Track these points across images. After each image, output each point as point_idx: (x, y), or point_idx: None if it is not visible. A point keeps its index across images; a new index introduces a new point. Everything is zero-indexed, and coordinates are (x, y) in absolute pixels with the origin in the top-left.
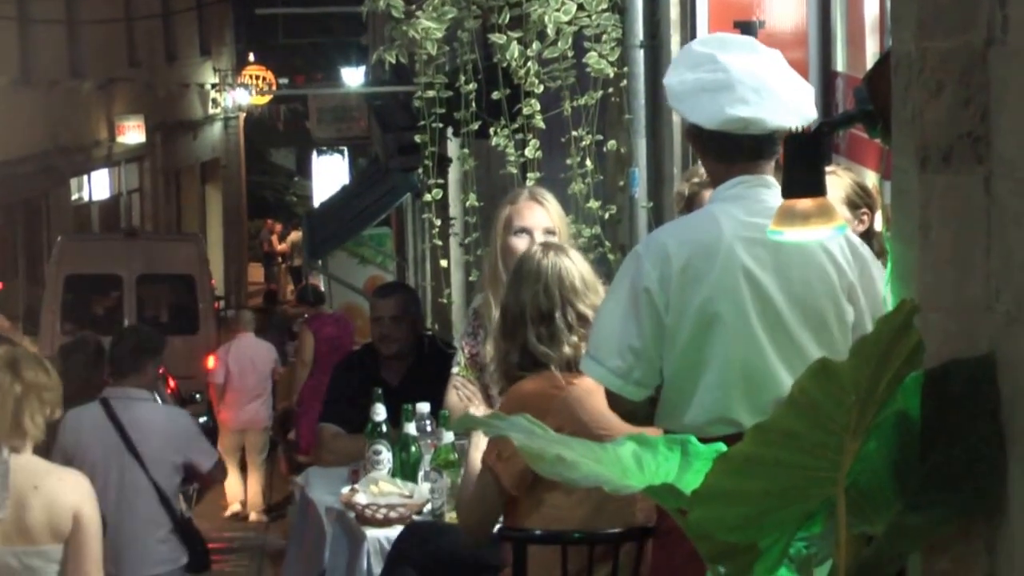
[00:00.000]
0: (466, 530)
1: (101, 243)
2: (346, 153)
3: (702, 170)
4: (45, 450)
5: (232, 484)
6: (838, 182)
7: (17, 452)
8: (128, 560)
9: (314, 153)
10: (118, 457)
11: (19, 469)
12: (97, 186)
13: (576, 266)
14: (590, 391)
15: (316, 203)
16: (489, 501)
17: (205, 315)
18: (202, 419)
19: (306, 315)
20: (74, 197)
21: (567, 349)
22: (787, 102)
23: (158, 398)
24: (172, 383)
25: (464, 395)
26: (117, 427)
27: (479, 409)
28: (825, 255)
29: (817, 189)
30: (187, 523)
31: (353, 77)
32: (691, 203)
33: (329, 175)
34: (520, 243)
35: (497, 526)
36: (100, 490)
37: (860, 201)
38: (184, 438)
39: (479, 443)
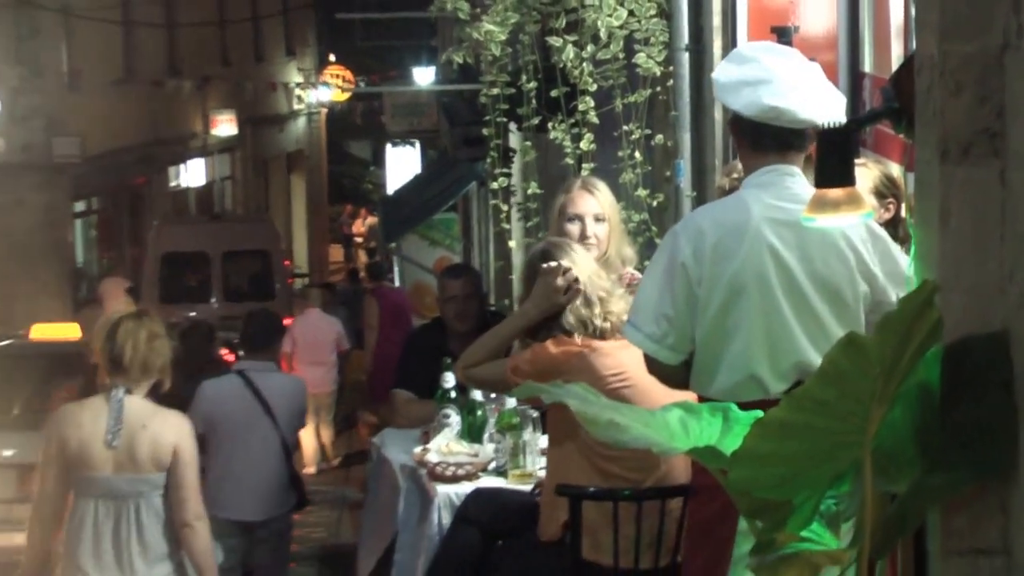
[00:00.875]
0: (466, 365)
1: (191, 225)
2: (417, 145)
3: (739, 166)
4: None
5: (307, 440)
6: (868, 173)
7: (131, 394)
8: (262, 503)
9: (388, 145)
10: (257, 419)
11: (131, 409)
12: (193, 174)
13: (583, 259)
14: (602, 352)
15: (390, 191)
16: (496, 376)
17: (279, 284)
18: None
19: (370, 287)
20: (172, 184)
21: (573, 319)
22: (818, 101)
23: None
24: None
25: None
26: (255, 394)
27: None
28: (843, 238)
29: (847, 180)
30: (296, 472)
31: (424, 76)
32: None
33: (402, 165)
34: (573, 228)
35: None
36: (241, 447)
37: (887, 191)
38: (302, 402)
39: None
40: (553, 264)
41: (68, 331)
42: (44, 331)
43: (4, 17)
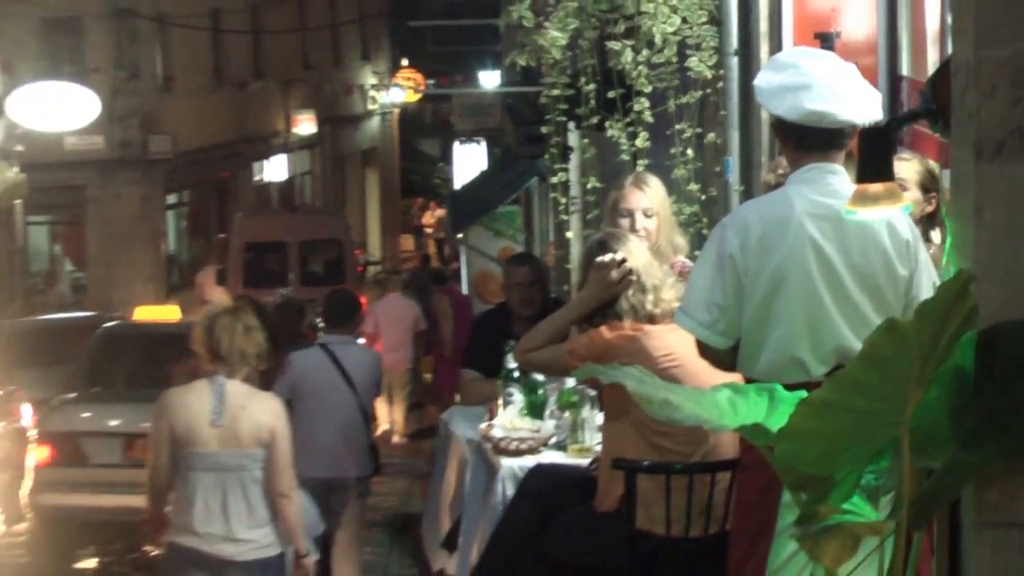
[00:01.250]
0: (524, 350)
1: (271, 217)
2: (483, 143)
3: (784, 163)
4: (266, 382)
5: (382, 410)
6: (913, 168)
7: (231, 378)
8: (346, 463)
9: (456, 143)
10: (338, 387)
11: (232, 392)
12: (275, 169)
13: (637, 249)
14: (653, 335)
15: (457, 185)
16: (554, 359)
17: (350, 270)
18: None
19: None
20: (256, 178)
21: (626, 305)
22: (856, 102)
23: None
24: None
25: None
26: (336, 365)
27: None
28: (885, 228)
29: (886, 175)
30: (373, 439)
31: (489, 79)
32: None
33: (468, 162)
34: (624, 222)
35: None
36: (325, 413)
37: (931, 185)
38: (378, 372)
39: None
40: (608, 257)
41: (168, 313)
42: (146, 313)
43: (105, 25)
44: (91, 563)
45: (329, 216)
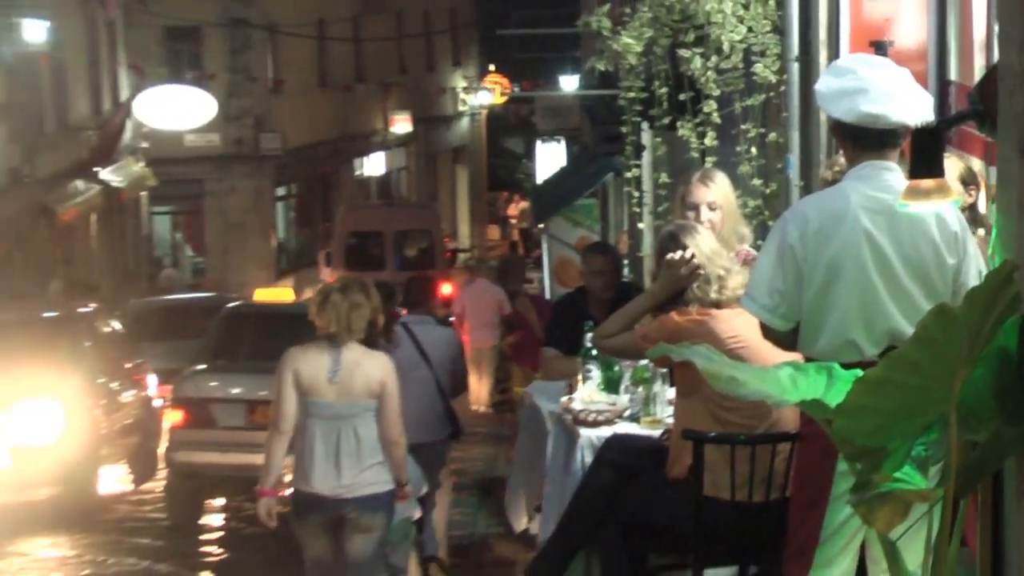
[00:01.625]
0: (601, 337)
1: (369, 209)
2: (562, 141)
3: (842, 160)
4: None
5: (473, 385)
6: (954, 165)
7: (346, 344)
8: (422, 429)
9: (538, 141)
10: (416, 362)
11: (348, 353)
12: (374, 165)
13: (704, 240)
14: (719, 319)
15: (539, 180)
16: (628, 344)
17: (439, 257)
18: None
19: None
20: (357, 173)
21: (697, 293)
22: (908, 105)
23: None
24: None
25: None
26: (414, 341)
27: None
28: (934, 220)
29: (937, 171)
30: (450, 407)
31: (569, 83)
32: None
33: (549, 158)
34: (691, 215)
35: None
36: (404, 384)
37: (969, 180)
38: (453, 349)
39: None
40: (677, 254)
41: (283, 294)
42: (264, 294)
43: (221, 33)
44: (218, 514)
45: (421, 208)
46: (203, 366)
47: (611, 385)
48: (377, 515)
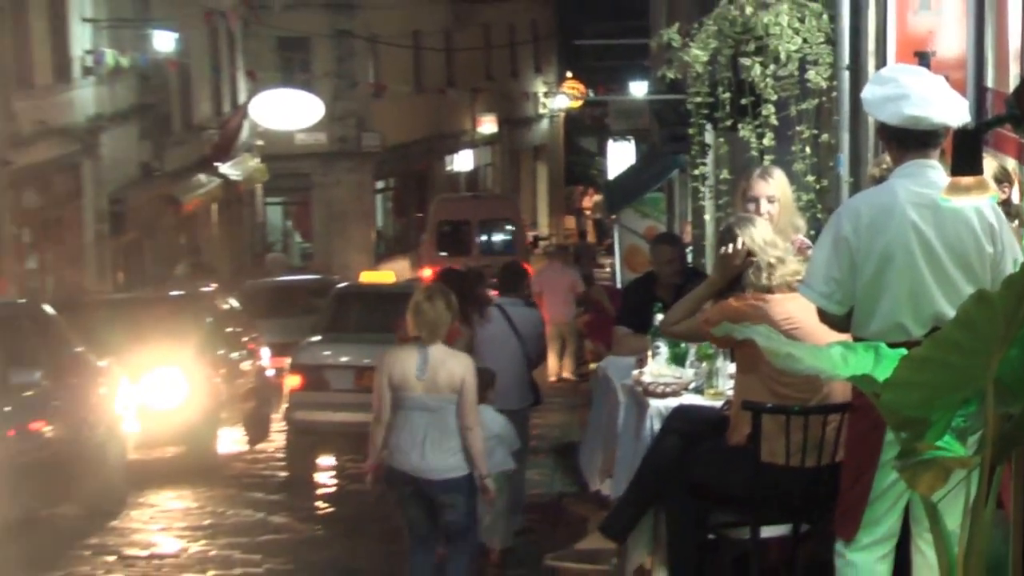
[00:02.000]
0: (668, 324)
1: (457, 201)
2: (632, 141)
3: (887, 159)
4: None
5: (551, 359)
6: (989, 163)
7: (431, 344)
8: (511, 397)
9: (610, 140)
10: (509, 337)
11: (433, 354)
12: (463, 161)
13: (759, 231)
14: (773, 302)
15: (611, 175)
16: (692, 329)
17: (519, 243)
18: None
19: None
20: (447, 169)
21: (752, 279)
22: (946, 109)
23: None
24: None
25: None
26: (507, 319)
27: None
28: (974, 214)
29: (976, 169)
30: (533, 378)
31: (638, 88)
32: (879, 182)
33: (620, 156)
34: (751, 207)
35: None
36: (497, 357)
37: (1002, 177)
38: (539, 327)
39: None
40: (730, 247)
41: (386, 277)
42: (369, 276)
43: (327, 43)
44: (327, 472)
45: (504, 200)
46: (318, 338)
47: (677, 360)
48: (456, 495)
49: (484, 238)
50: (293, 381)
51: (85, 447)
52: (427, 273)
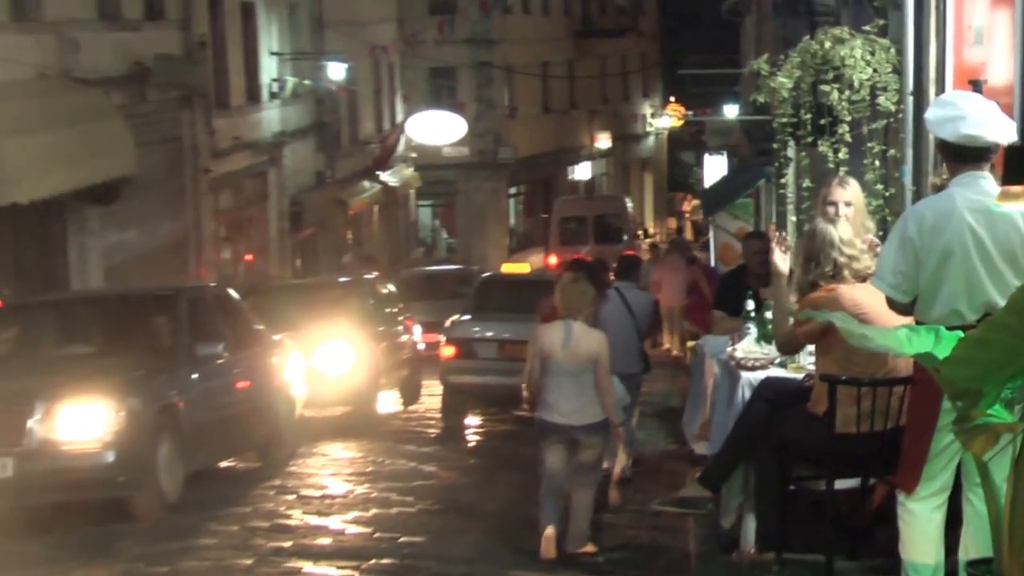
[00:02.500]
0: (778, 348)
1: (576, 200)
2: (725, 155)
3: (945, 170)
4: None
5: (665, 336)
6: None
7: (574, 320)
8: (625, 363)
9: (706, 154)
10: (624, 315)
11: (575, 329)
12: (582, 172)
13: (836, 230)
14: (842, 292)
15: (707, 184)
16: (791, 339)
17: (627, 234)
18: None
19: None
20: (569, 177)
21: (828, 270)
22: (998, 129)
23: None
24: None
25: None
26: (623, 301)
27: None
28: (1020, 218)
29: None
30: (644, 349)
31: (731, 110)
32: (939, 191)
33: (715, 168)
34: (830, 210)
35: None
36: (615, 330)
37: None
38: (650, 308)
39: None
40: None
41: (521, 268)
42: (509, 267)
43: (470, 72)
44: (478, 421)
45: (613, 199)
46: (468, 316)
47: (765, 339)
48: (593, 436)
49: (597, 231)
50: (448, 351)
51: (259, 407)
52: (552, 260)
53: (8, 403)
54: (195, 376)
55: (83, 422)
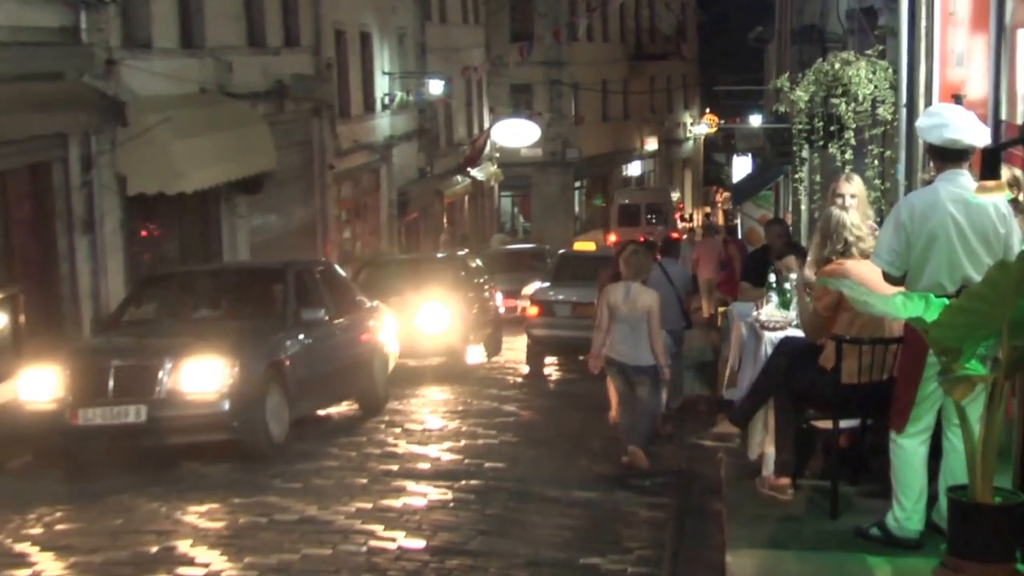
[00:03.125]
0: (807, 334)
1: (631, 190)
2: (750, 155)
3: (932, 169)
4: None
5: (703, 302)
6: (1005, 172)
7: (633, 281)
8: (670, 320)
9: (735, 155)
10: (666, 284)
11: (634, 288)
12: (633, 169)
13: (848, 216)
14: (850, 267)
15: (735, 179)
16: (814, 319)
17: (669, 217)
18: None
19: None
20: (623, 174)
21: (839, 248)
22: (975, 133)
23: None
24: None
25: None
26: (665, 273)
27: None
28: (992, 208)
29: (997, 176)
30: (685, 310)
31: (756, 119)
32: (927, 185)
33: (742, 166)
34: (839, 201)
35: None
36: (661, 295)
37: (1013, 183)
38: (688, 279)
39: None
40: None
41: (589, 246)
42: (579, 245)
43: (544, 88)
44: (553, 368)
45: (660, 190)
46: (547, 283)
47: (784, 305)
48: (643, 376)
49: (648, 215)
50: (532, 310)
51: (356, 363)
52: (612, 238)
53: (143, 359)
54: (300, 337)
55: (204, 376)
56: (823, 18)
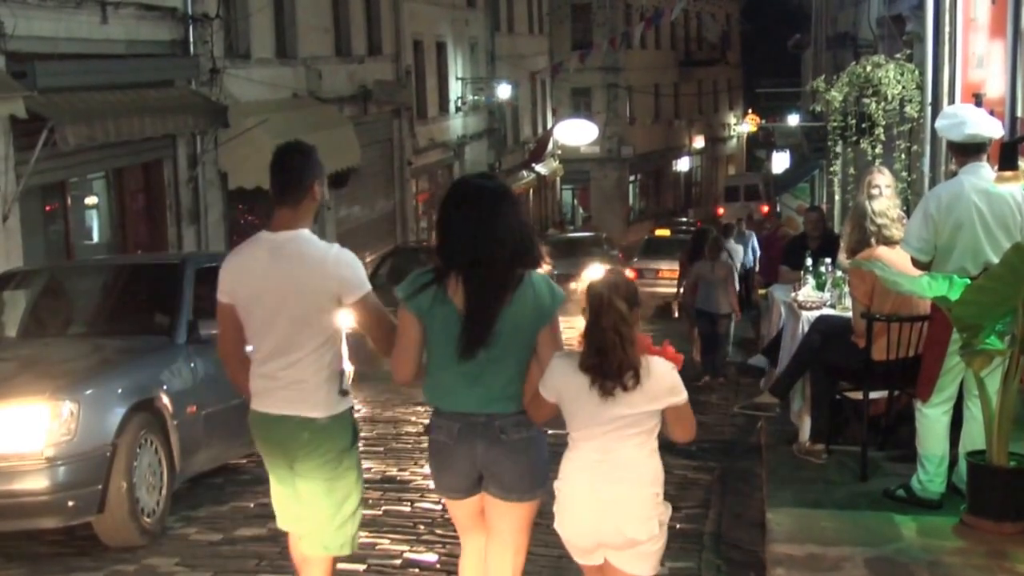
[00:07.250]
0: (858, 334)
1: (733, 176)
2: (788, 151)
3: (954, 163)
4: None
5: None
6: (1022, 163)
7: (713, 259)
8: (719, 307)
9: (775, 151)
10: (727, 264)
11: (716, 264)
12: (683, 164)
13: (878, 205)
14: (881, 253)
15: (775, 172)
16: (861, 321)
17: (760, 197)
18: None
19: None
20: (673, 169)
21: (869, 234)
22: (989, 127)
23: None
24: None
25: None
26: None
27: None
28: (1010, 197)
29: (1015, 167)
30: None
31: (794, 119)
32: (952, 177)
33: (781, 161)
34: (873, 192)
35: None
36: (707, 283)
37: None
38: (729, 267)
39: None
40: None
41: (664, 232)
42: (660, 232)
43: (602, 91)
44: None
45: (755, 174)
46: (637, 258)
47: (820, 287)
48: (724, 320)
49: (747, 193)
50: (630, 274)
51: None
52: (720, 211)
53: None
54: (193, 364)
55: (21, 430)
56: (855, 26)
